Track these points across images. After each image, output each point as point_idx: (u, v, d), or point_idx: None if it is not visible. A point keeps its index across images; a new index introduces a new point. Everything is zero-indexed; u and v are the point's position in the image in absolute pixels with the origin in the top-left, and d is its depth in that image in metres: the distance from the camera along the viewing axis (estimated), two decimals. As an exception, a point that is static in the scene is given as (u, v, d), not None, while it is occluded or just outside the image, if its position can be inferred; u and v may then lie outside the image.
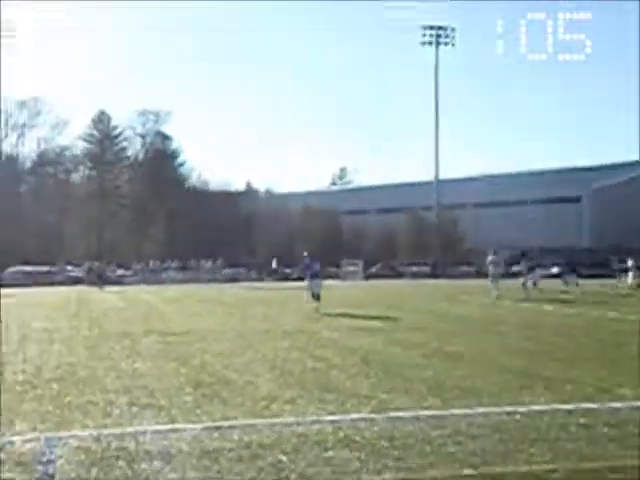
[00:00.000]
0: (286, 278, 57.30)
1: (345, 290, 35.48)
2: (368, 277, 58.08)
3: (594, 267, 43.47)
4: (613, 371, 10.46)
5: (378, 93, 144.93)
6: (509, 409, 7.77)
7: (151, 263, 62.60)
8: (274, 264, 61.62)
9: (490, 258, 30.85)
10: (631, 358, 11.63)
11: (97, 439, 6.52)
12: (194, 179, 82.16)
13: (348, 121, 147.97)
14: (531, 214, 73.05)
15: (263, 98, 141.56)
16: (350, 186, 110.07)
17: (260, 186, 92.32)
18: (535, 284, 30.67)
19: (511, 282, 32.46)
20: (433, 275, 59.26)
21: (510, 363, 11.33)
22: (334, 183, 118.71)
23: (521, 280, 30.55)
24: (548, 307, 23.66)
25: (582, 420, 7.23)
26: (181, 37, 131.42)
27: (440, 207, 71.23)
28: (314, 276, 24.17)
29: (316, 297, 23.02)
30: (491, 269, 30.30)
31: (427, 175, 75.57)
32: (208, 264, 62.55)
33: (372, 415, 7.60)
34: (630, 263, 40.44)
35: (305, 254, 26.55)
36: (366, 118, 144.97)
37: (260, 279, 57.49)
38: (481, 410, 7.76)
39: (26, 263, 56.19)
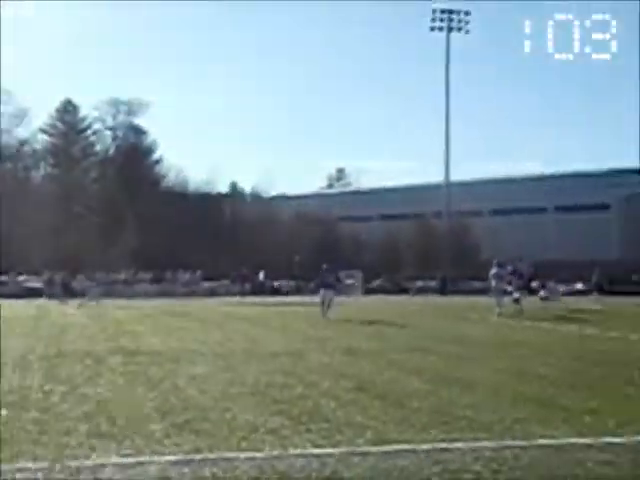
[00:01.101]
0: (275, 292, 57.33)
1: (341, 306, 35.46)
2: (368, 292, 58.12)
3: (624, 283, 43.84)
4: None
5: (381, 85, 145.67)
6: (522, 443, 7.78)
7: (122, 274, 62.59)
8: (261, 276, 61.66)
9: (493, 271, 31.44)
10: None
11: (49, 473, 6.50)
12: (172, 178, 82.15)
13: (346, 117, 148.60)
14: (554, 222, 73.23)
15: (252, 93, 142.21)
16: (349, 189, 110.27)
17: (247, 188, 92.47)
18: (518, 301, 30.99)
19: (532, 299, 32.57)
20: (441, 291, 59.29)
21: (525, 391, 11.34)
22: (331, 185, 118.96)
23: (537, 297, 30.94)
24: (565, 328, 23.72)
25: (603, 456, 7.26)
26: (169, 32, 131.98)
27: (451, 214, 71.30)
28: (328, 286, 28.44)
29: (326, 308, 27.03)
30: (494, 283, 31.04)
31: (437, 177, 75.79)
32: (186, 276, 62.56)
33: (365, 448, 7.60)
34: None
35: (324, 266, 29.75)
36: (367, 113, 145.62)
37: (245, 293, 57.43)
38: (489, 444, 7.77)
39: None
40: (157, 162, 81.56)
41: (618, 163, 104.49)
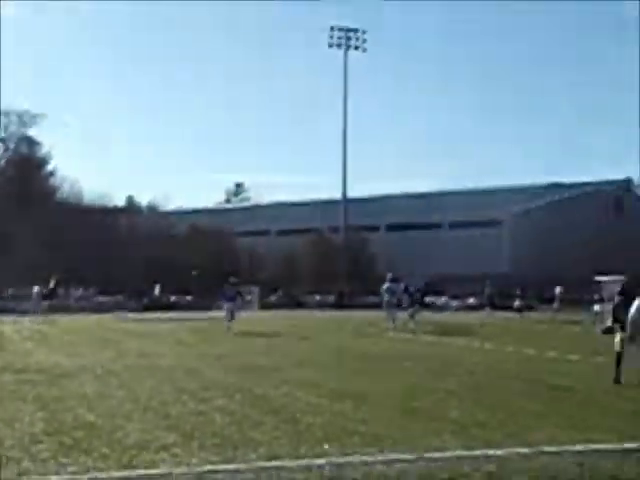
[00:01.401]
0: (171, 307, 56.55)
1: (238, 322, 35.21)
2: (265, 307, 57.99)
3: (510, 298, 45.57)
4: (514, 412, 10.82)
5: (282, 101, 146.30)
6: (410, 456, 7.92)
7: (9, 290, 60.59)
8: (157, 291, 60.75)
9: (386, 286, 31.89)
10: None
11: None
12: (66, 190, 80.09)
13: (247, 132, 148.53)
14: (448, 238, 74.85)
15: (151, 108, 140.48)
16: (247, 204, 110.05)
17: (143, 201, 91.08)
18: (413, 316, 31.62)
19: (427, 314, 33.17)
20: (338, 305, 59.72)
21: (417, 404, 11.55)
22: (228, 200, 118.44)
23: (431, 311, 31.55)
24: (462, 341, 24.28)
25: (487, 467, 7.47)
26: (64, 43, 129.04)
27: (348, 229, 72.02)
28: (230, 300, 30.42)
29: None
30: (386, 298, 31.52)
31: (335, 193, 76.48)
32: (79, 291, 61.07)
33: (258, 464, 7.59)
34: (558, 290, 42.45)
35: (231, 279, 31.99)
36: (267, 128, 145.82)
37: (141, 308, 56.44)
38: (381, 457, 7.88)
39: None
40: (51, 174, 79.52)
41: (508, 181, 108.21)
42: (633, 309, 13.37)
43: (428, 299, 45.65)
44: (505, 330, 31.08)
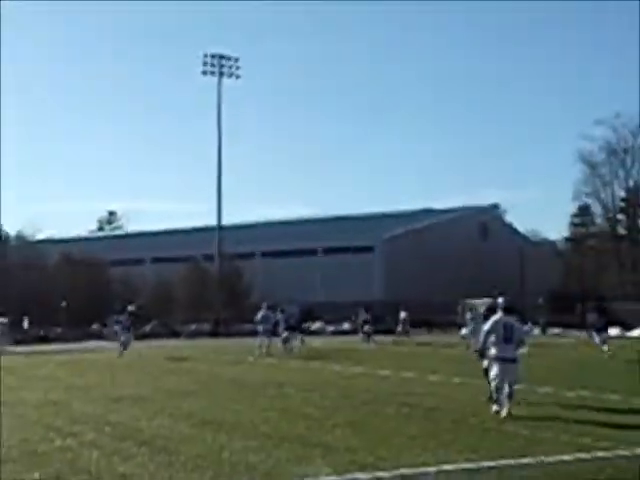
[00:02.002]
0: (41, 340, 54.61)
1: (106, 353, 34.38)
2: (140, 337, 56.80)
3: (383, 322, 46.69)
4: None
5: (154, 127, 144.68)
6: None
7: None
8: (25, 324, 58.57)
9: (261, 313, 32.84)
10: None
11: None
12: None
13: (119, 159, 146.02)
14: (323, 264, 75.51)
15: (21, 137, 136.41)
16: (120, 232, 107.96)
17: (12, 231, 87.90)
18: (287, 340, 32.29)
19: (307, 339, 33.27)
20: (214, 333, 59.19)
21: (289, 430, 11.54)
22: (101, 228, 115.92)
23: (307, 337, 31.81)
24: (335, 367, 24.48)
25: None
26: None
27: (223, 256, 71.63)
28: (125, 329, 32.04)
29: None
30: (261, 327, 32.28)
31: (210, 220, 75.99)
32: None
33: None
34: (402, 315, 44.72)
35: (129, 308, 33.66)
36: (141, 155, 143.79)
37: (10, 342, 54.22)
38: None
39: None
40: None
41: (381, 207, 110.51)
42: (485, 327, 13.99)
43: (304, 325, 46.02)
44: (379, 354, 31.51)
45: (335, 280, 71.73)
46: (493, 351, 13.69)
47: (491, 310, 14.86)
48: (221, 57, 71.90)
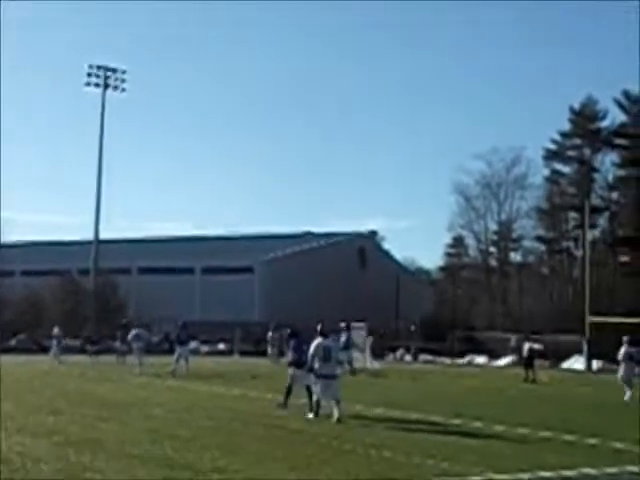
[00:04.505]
0: None
1: None
2: (4, 351, 54.72)
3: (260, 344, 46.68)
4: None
5: (34, 137, 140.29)
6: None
7: None
8: None
9: (134, 332, 34.30)
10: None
11: None
12: None
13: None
14: (201, 283, 74.92)
15: None
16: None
17: None
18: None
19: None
20: (84, 350, 57.67)
21: (156, 451, 11.41)
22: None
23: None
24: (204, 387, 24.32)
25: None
26: None
27: (99, 271, 70.02)
28: None
29: None
30: (135, 345, 33.49)
31: (87, 234, 74.25)
32: None
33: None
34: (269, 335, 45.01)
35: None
36: (17, 165, 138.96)
37: None
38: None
39: None
40: None
41: (261, 228, 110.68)
42: (310, 350, 16.36)
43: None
44: (251, 375, 31.39)
45: (213, 300, 71.30)
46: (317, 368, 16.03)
47: (293, 334, 18.13)
48: (107, 69, 70.72)
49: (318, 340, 16.30)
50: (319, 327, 16.67)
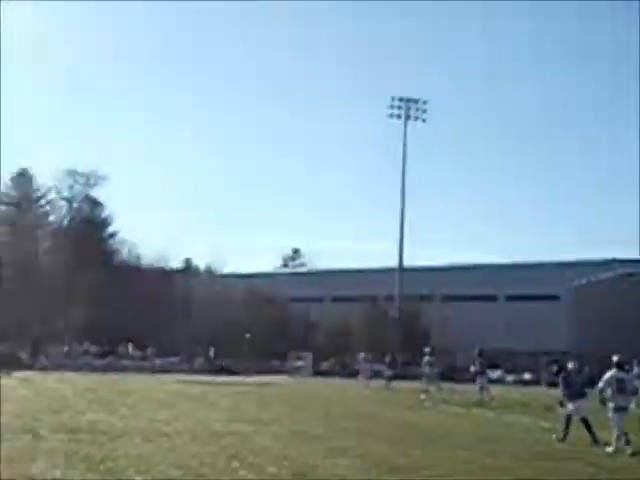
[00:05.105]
0: (224, 371, 56.71)
1: (283, 388, 35.11)
2: (317, 374, 57.74)
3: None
4: None
5: (342, 167, 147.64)
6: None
7: (65, 347, 61.76)
8: (211, 353, 61.12)
9: (426, 359, 34.71)
10: None
11: None
12: (125, 252, 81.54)
13: (307, 197, 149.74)
14: (504, 311, 73.95)
15: (209, 171, 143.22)
16: (301, 270, 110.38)
17: (201, 264, 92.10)
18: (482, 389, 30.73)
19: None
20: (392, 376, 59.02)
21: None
22: (285, 265, 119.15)
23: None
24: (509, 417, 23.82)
25: None
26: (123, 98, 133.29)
27: (403, 298, 71.61)
28: None
29: None
30: (427, 370, 34.02)
31: (391, 261, 76.43)
32: (135, 351, 61.81)
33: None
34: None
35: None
36: (323, 195, 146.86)
37: (194, 371, 56.68)
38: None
39: None
40: (112, 235, 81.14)
41: (569, 255, 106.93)
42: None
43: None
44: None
45: (515, 328, 70.02)
46: None
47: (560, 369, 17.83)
48: (408, 100, 72.84)
49: (612, 372, 15.98)
50: (615, 358, 16.35)
